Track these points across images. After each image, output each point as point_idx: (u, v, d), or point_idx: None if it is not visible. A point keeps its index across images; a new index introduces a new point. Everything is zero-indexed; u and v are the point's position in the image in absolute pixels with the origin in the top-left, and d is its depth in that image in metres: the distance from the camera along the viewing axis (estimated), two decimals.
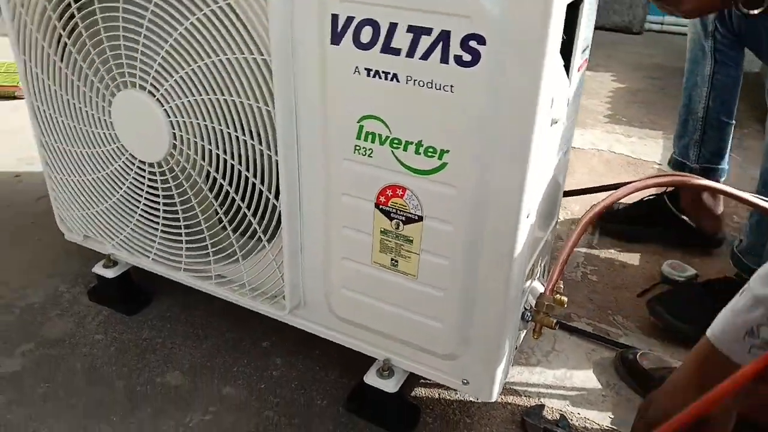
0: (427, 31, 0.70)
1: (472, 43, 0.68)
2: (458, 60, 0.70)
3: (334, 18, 0.75)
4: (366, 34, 0.74)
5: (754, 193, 0.99)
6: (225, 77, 0.85)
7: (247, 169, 0.90)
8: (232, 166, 0.91)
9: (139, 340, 1.16)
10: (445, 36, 0.69)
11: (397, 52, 0.73)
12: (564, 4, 0.67)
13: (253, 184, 0.90)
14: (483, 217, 0.77)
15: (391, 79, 0.75)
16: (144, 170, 1.02)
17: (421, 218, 0.81)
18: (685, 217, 1.49)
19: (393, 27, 0.72)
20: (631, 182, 0.99)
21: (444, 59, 0.70)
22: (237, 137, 0.88)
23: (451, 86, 0.71)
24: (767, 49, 1.15)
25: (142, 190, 1.04)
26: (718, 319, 0.74)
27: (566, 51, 0.83)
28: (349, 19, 0.74)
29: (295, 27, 0.78)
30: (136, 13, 0.88)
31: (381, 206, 0.83)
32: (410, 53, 0.72)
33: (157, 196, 1.02)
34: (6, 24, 1.02)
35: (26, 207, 1.58)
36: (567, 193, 1.15)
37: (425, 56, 0.71)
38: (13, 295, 1.28)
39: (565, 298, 0.98)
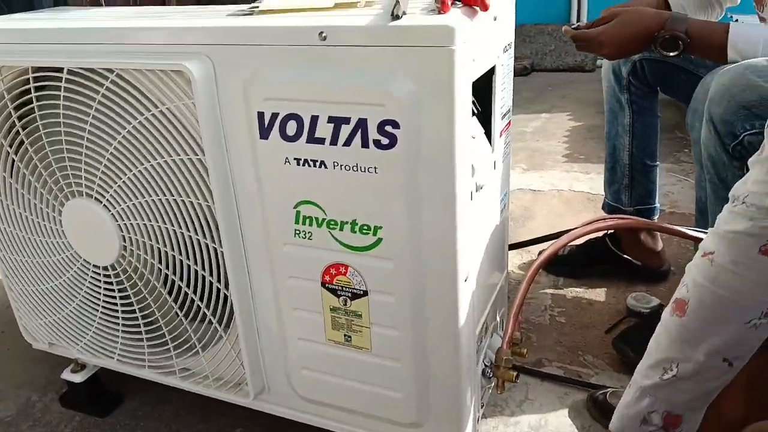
0: (346, 121, 0.74)
1: (388, 128, 0.72)
2: (377, 144, 0.74)
3: (260, 115, 0.79)
4: (291, 128, 0.78)
5: (691, 226, 1.04)
6: (165, 178, 0.88)
7: (196, 263, 0.92)
8: (181, 261, 0.93)
9: None
10: (362, 123, 0.74)
11: (321, 141, 0.77)
12: (468, 82, 0.72)
13: (203, 277, 0.92)
14: (423, 285, 0.80)
15: (320, 166, 0.78)
16: (99, 274, 1.04)
17: (366, 293, 0.84)
18: (627, 257, 1.54)
19: (315, 119, 0.76)
20: (571, 229, 1.03)
21: (364, 144, 0.75)
22: (183, 234, 0.91)
23: (375, 168, 0.75)
24: (685, 93, 1.22)
25: (99, 293, 1.05)
26: (615, 414, 0.80)
27: (486, 119, 0.88)
28: (274, 116, 0.78)
29: (226, 126, 0.83)
30: (76, 126, 0.92)
31: (327, 284, 0.86)
32: (333, 141, 0.76)
33: (114, 297, 1.04)
34: None
35: None
36: (513, 246, 1.18)
37: (347, 143, 0.75)
38: None
39: (524, 350, 1.01)
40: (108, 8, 1.37)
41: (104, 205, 0.96)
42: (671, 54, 1.05)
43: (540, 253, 1.72)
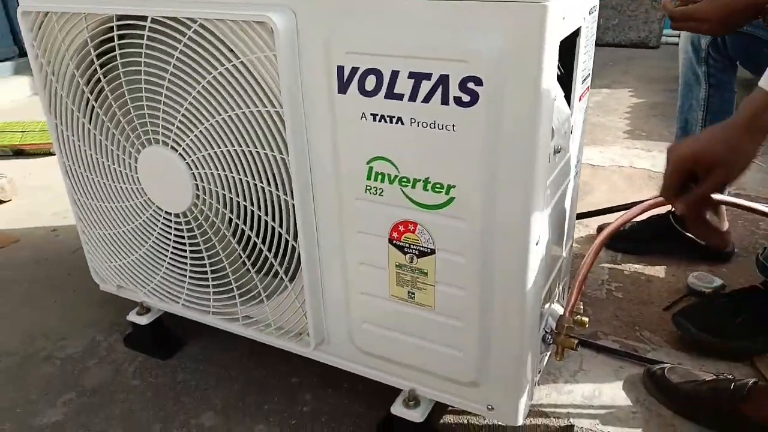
0: (427, 77, 0.74)
1: (470, 85, 0.72)
2: (458, 101, 0.73)
3: (340, 69, 0.79)
4: (370, 83, 0.78)
5: None
6: (242, 130, 0.90)
7: (266, 214, 0.94)
8: (252, 212, 0.95)
9: (173, 383, 1.20)
10: (444, 80, 0.73)
11: (400, 97, 0.77)
12: (556, 41, 0.71)
13: (273, 228, 0.94)
14: (493, 247, 0.80)
15: (396, 122, 0.79)
16: (170, 221, 1.07)
17: (433, 251, 0.84)
18: (690, 235, 1.50)
19: (395, 74, 0.76)
20: (639, 202, 1.01)
21: (444, 101, 0.74)
22: (255, 185, 0.93)
23: (453, 126, 0.75)
24: None
25: (169, 239, 1.09)
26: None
27: (566, 82, 0.86)
28: (354, 70, 0.78)
29: (304, 80, 0.83)
30: (156, 74, 0.94)
31: (394, 241, 0.87)
32: (412, 97, 0.76)
33: (184, 244, 1.07)
34: (38, 91, 1.09)
35: (62, 259, 1.65)
36: (580, 216, 1.17)
37: (426, 99, 0.75)
38: (53, 347, 1.33)
39: (586, 319, 1.00)
40: None
41: (180, 153, 0.98)
42: None
43: (599, 227, 1.71)
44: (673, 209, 1.53)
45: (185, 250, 1.08)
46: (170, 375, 1.22)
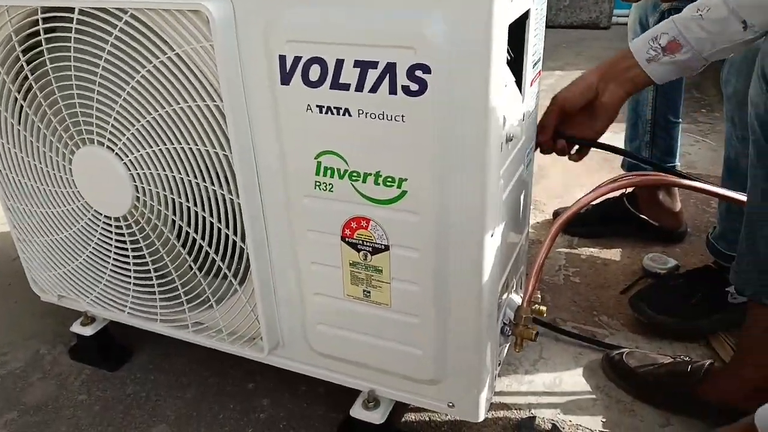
0: (374, 65, 0.71)
1: (418, 73, 0.69)
2: (406, 90, 0.70)
3: (282, 59, 0.75)
4: (314, 73, 0.74)
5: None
6: (181, 126, 0.85)
7: (211, 215, 0.90)
8: (196, 213, 0.90)
9: (122, 396, 1.15)
10: (391, 68, 0.70)
11: (346, 87, 0.73)
12: (505, 24, 0.68)
13: (219, 229, 0.90)
14: (447, 240, 0.78)
15: (344, 114, 0.75)
16: (110, 225, 1.01)
17: (387, 247, 0.81)
18: (644, 217, 1.52)
19: (340, 63, 0.73)
20: (602, 185, 1.01)
21: (392, 90, 0.71)
22: (198, 184, 0.88)
23: (402, 116, 0.72)
24: None
25: (111, 244, 1.03)
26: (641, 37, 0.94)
27: (517, 66, 0.84)
28: (297, 59, 0.75)
29: (245, 71, 0.79)
30: (87, 70, 0.88)
31: (347, 239, 0.83)
32: (359, 87, 0.73)
33: (126, 249, 1.02)
34: None
35: (1, 268, 1.57)
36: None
37: (374, 89, 0.72)
38: None
39: (544, 308, 0.99)
40: None
41: (117, 153, 0.93)
42: None
43: (555, 213, 1.71)
44: (626, 192, 1.55)
45: (128, 256, 1.03)
46: (119, 387, 1.17)
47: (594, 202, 1.52)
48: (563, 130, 1.01)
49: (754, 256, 0.93)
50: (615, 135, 2.11)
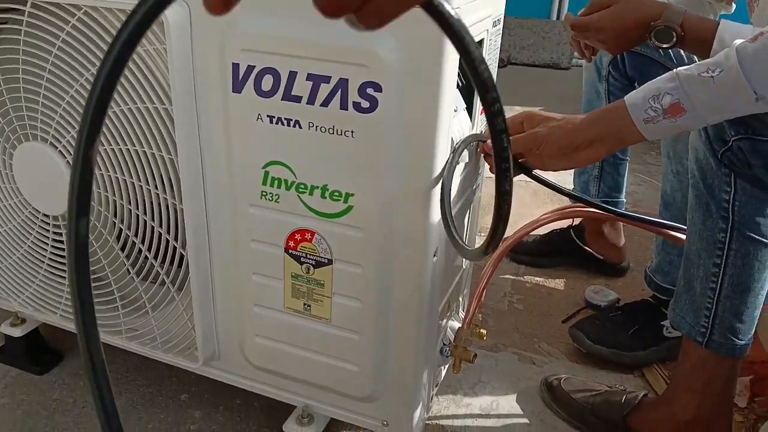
0: (326, 79, 0.71)
1: (370, 91, 0.70)
2: (357, 106, 0.71)
3: (235, 67, 0.75)
4: (267, 83, 0.74)
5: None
6: (128, 127, 0.83)
7: (153, 219, 0.88)
8: (137, 216, 0.89)
9: (48, 401, 1.10)
10: (343, 84, 0.71)
11: (298, 99, 0.74)
12: None
13: (160, 234, 0.88)
14: (391, 258, 0.78)
15: (294, 126, 0.75)
16: (48, 223, 0.98)
17: (330, 261, 0.81)
18: (590, 250, 1.56)
19: (293, 75, 0.73)
20: (546, 214, 1.03)
21: (343, 106, 0.72)
22: (141, 187, 0.86)
23: (352, 131, 0.72)
24: None
25: (47, 244, 1.00)
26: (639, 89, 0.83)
27: (468, 93, 0.86)
28: (250, 68, 0.74)
29: (197, 76, 0.78)
30: (36, 65, 0.86)
31: (290, 251, 0.83)
32: (311, 100, 0.73)
33: (63, 249, 0.99)
34: None
35: None
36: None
37: (325, 103, 0.72)
38: None
39: (484, 331, 1.00)
40: None
41: (60, 150, 0.90)
42: (664, 46, 1.04)
43: (505, 240, 1.73)
44: (573, 224, 1.59)
45: (64, 256, 0.99)
46: (45, 392, 1.12)
47: (542, 233, 1.57)
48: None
49: (691, 295, 0.96)
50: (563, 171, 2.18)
